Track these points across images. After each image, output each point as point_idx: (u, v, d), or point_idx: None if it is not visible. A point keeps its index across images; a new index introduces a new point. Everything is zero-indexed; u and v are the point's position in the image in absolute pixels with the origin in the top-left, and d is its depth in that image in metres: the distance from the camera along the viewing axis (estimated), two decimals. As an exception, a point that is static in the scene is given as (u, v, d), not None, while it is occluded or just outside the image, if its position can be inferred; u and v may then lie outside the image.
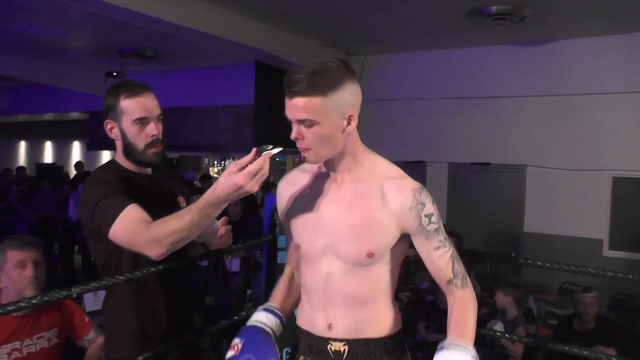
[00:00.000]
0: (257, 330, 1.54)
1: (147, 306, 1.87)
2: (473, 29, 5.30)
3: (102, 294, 2.45)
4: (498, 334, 2.88)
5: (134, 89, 1.83)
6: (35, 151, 13.37)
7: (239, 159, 1.49)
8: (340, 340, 1.52)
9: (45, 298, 1.60)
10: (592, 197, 5.74)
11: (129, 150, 1.85)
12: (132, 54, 6.92)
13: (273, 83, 6.51)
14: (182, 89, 8.42)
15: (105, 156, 11.40)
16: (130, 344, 1.86)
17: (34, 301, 1.62)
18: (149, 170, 1.93)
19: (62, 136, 12.22)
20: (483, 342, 3.86)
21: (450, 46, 6.25)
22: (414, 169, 6.67)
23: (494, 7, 4.60)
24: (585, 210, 5.79)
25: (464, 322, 1.47)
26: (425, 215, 1.45)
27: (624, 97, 5.49)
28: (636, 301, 4.69)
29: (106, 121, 1.85)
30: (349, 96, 1.41)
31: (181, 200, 1.99)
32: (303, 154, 1.45)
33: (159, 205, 1.75)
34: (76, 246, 7.34)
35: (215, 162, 10.63)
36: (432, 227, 1.46)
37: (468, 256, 3.12)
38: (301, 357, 1.60)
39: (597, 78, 5.57)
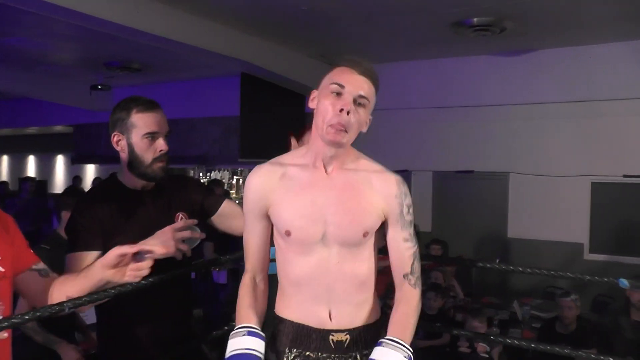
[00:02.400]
0: (250, 358, 1.46)
1: (139, 319, 1.90)
2: (456, 40, 5.41)
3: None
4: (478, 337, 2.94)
5: (147, 105, 1.91)
6: (18, 165, 13.23)
7: (224, 171, 1.57)
8: (342, 331, 1.55)
9: (38, 313, 1.45)
10: (573, 202, 5.88)
11: (134, 163, 1.90)
12: (118, 67, 6.92)
13: (259, 94, 6.57)
14: (169, 101, 8.31)
15: (90, 170, 11.33)
16: (124, 356, 1.90)
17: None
18: (151, 184, 1.95)
19: (45, 150, 12.11)
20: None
21: (434, 56, 6.37)
22: (399, 177, 6.75)
23: (475, 19, 4.72)
24: (566, 215, 5.92)
25: (405, 322, 1.53)
26: (407, 205, 1.57)
27: (604, 105, 5.64)
28: (617, 302, 4.80)
29: (113, 133, 1.91)
30: (375, 102, 1.57)
31: (179, 216, 1.95)
32: (337, 134, 1.48)
33: (147, 224, 1.82)
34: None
35: (201, 175, 10.63)
36: (409, 218, 1.58)
37: (455, 264, 3.19)
38: (294, 351, 1.57)
39: (576, 86, 5.73)
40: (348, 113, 1.47)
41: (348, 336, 1.55)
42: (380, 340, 1.48)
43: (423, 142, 6.62)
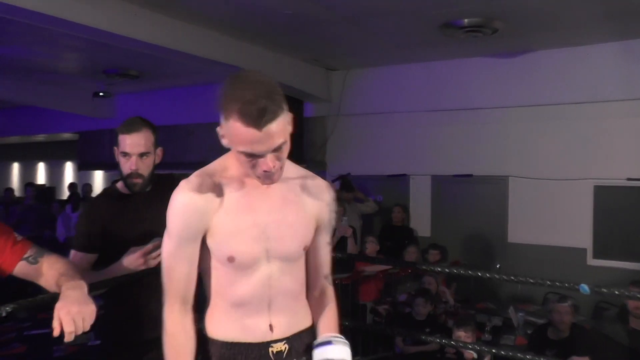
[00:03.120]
0: None
1: (128, 314, 2.14)
2: (449, 42, 5.34)
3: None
4: (466, 344, 2.86)
5: (127, 127, 2.22)
6: (28, 172, 13.39)
7: None
8: (281, 340, 1.54)
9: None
10: (575, 206, 5.75)
11: (119, 174, 2.28)
12: (116, 74, 6.96)
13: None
14: (168, 107, 8.45)
15: (97, 176, 11.43)
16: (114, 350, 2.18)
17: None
18: (146, 187, 2.25)
19: (54, 157, 12.25)
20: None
21: (430, 59, 6.30)
22: (397, 182, 6.70)
23: (465, 20, 4.64)
24: (568, 219, 5.79)
25: (336, 319, 1.65)
26: (334, 212, 1.63)
27: (603, 106, 5.52)
28: (615, 309, 4.67)
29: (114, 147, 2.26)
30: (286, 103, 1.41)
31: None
32: (267, 182, 1.43)
33: (139, 223, 2.16)
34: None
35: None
36: (333, 222, 1.65)
37: (453, 271, 3.10)
38: None
39: (574, 87, 5.62)
40: (274, 168, 1.40)
41: (287, 345, 1.55)
42: (329, 339, 1.53)
43: (421, 146, 6.55)
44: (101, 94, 8.23)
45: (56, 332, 1.43)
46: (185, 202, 1.44)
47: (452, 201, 6.48)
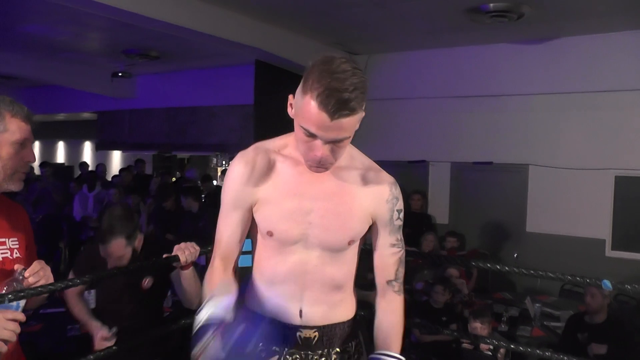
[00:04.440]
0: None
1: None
2: (473, 27, 5.26)
3: (94, 292, 2.81)
4: (486, 339, 2.85)
5: (104, 237, 2.54)
6: (48, 151, 13.53)
7: None
8: (311, 328, 1.51)
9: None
10: (595, 196, 5.67)
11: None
12: (136, 54, 6.98)
13: (274, 82, 6.53)
14: (189, 89, 8.48)
15: (115, 156, 11.52)
16: None
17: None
18: None
19: (73, 136, 12.37)
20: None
21: (452, 45, 6.21)
22: (417, 168, 6.66)
23: (491, 4, 4.56)
24: (587, 210, 5.72)
25: (397, 334, 1.53)
26: (397, 210, 1.50)
27: (628, 95, 5.42)
28: (634, 301, 4.62)
29: None
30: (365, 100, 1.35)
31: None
32: (318, 170, 1.38)
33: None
34: (82, 246, 7.40)
35: (224, 162, 10.69)
36: (399, 223, 1.51)
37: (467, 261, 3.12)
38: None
39: (599, 76, 5.51)
40: (323, 156, 1.34)
41: (317, 333, 1.51)
42: (375, 355, 1.48)
43: (441, 132, 6.48)
44: (120, 74, 8.25)
45: None
46: (236, 171, 1.48)
47: (471, 189, 6.43)
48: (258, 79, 6.43)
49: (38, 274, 1.59)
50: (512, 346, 2.26)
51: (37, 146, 14.20)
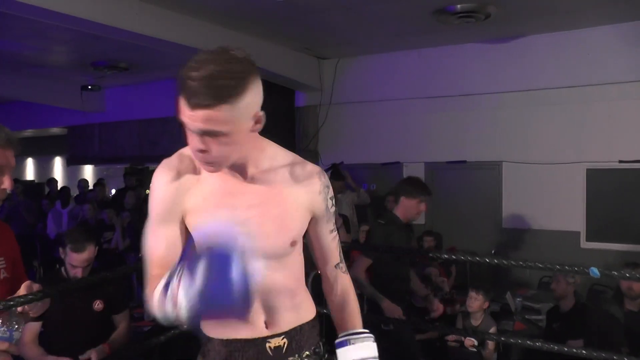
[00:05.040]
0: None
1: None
2: (442, 28, 5.33)
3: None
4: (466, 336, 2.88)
5: (77, 246, 2.89)
6: (16, 169, 13.16)
7: None
8: (278, 335, 1.47)
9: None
10: (568, 190, 5.77)
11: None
12: (105, 66, 6.88)
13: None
14: (159, 100, 8.36)
15: (87, 171, 11.33)
16: None
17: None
18: None
19: (43, 152, 12.12)
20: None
21: (422, 46, 6.28)
22: (391, 170, 6.69)
23: (458, 5, 4.63)
24: (561, 203, 5.82)
25: (358, 310, 1.57)
26: (330, 198, 1.50)
27: (595, 89, 5.53)
28: (610, 291, 4.72)
29: None
30: (256, 96, 1.26)
31: None
32: (206, 167, 1.32)
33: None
34: (56, 264, 7.25)
35: (197, 172, 10.57)
36: (333, 209, 1.53)
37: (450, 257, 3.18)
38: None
39: (565, 72, 5.63)
40: (203, 151, 1.26)
41: (285, 340, 1.48)
42: (347, 338, 1.49)
43: (413, 133, 6.54)
44: (90, 87, 8.13)
45: None
46: (160, 180, 1.39)
47: (447, 188, 6.49)
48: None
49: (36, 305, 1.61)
50: (499, 338, 2.30)
51: (5, 164, 13.90)
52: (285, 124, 6.94)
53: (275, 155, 1.45)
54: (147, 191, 9.13)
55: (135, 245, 6.11)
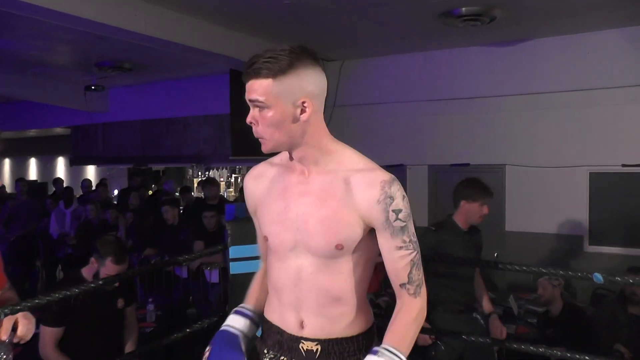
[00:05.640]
0: (225, 334, 1.56)
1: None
2: (447, 31, 5.33)
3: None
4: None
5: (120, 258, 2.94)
6: (19, 168, 13.26)
7: (223, 169, 1.60)
8: (312, 340, 1.49)
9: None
10: (571, 193, 5.76)
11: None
12: (109, 67, 6.90)
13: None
14: (163, 100, 8.40)
15: (89, 171, 11.35)
16: None
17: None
18: None
19: (46, 152, 12.15)
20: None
21: (426, 48, 6.28)
22: (394, 172, 6.61)
23: (464, 9, 4.62)
24: (564, 207, 5.81)
25: (403, 331, 1.44)
26: (393, 211, 1.41)
27: (599, 93, 5.52)
28: (612, 295, 4.70)
29: None
30: (302, 82, 1.38)
31: None
32: (262, 144, 1.45)
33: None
34: (59, 264, 7.25)
35: (200, 173, 10.61)
36: (399, 224, 1.42)
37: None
38: (271, 353, 1.55)
39: (570, 76, 5.62)
40: (252, 124, 1.43)
41: (319, 346, 1.48)
42: (375, 348, 1.41)
43: (417, 135, 6.53)
44: (93, 87, 8.14)
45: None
46: (244, 182, 1.66)
47: (450, 191, 6.41)
48: (234, 88, 6.40)
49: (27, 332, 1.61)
50: (502, 344, 2.29)
51: (7, 163, 13.92)
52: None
53: (345, 159, 1.48)
54: (150, 192, 9.15)
55: (139, 246, 6.12)
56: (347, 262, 1.46)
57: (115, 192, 10.48)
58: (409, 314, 1.46)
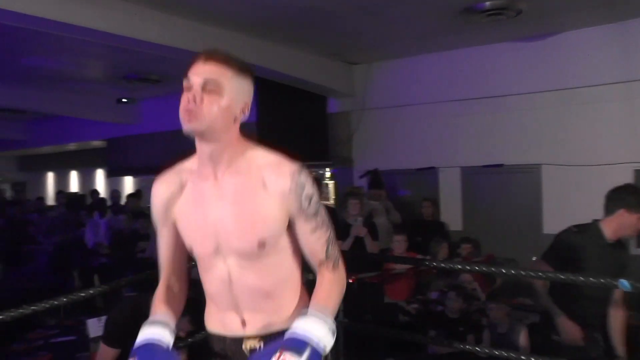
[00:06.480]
0: (148, 346, 1.46)
1: None
2: (470, 28, 5.19)
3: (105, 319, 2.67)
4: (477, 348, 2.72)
5: None
6: (62, 181, 13.65)
7: None
8: (254, 337, 1.53)
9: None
10: (613, 192, 5.46)
11: None
12: (136, 79, 7.00)
13: (276, 98, 6.48)
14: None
15: (127, 182, 11.56)
16: None
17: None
18: None
19: (86, 165, 12.47)
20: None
21: (452, 47, 6.11)
22: (426, 175, 6.53)
23: (488, 2, 4.48)
24: (606, 207, 5.51)
25: (326, 296, 1.48)
26: (306, 196, 1.48)
27: (637, 85, 5.23)
28: None
29: None
30: (248, 89, 1.49)
31: None
32: (189, 121, 1.40)
33: None
34: (94, 273, 7.36)
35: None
36: (312, 209, 1.50)
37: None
38: None
39: (605, 67, 5.34)
40: (195, 101, 1.40)
41: (261, 342, 1.52)
42: (302, 312, 1.43)
43: (447, 137, 6.36)
44: (125, 100, 8.28)
45: None
46: (152, 190, 1.60)
47: (484, 193, 6.27)
48: (261, 96, 6.37)
49: None
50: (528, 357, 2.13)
51: (51, 177, 14.35)
52: (318, 131, 6.89)
53: (254, 157, 1.51)
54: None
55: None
56: (273, 258, 1.51)
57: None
58: (330, 284, 1.51)
